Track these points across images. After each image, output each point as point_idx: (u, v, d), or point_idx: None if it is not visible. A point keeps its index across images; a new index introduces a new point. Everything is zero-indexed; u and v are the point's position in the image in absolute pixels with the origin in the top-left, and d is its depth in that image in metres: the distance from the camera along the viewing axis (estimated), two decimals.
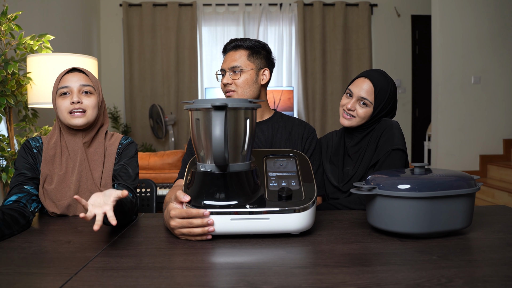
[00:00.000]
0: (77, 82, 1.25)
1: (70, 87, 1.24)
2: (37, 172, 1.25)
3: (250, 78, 1.42)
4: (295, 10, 5.35)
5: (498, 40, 4.30)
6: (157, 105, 4.92)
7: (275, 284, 0.70)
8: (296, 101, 5.36)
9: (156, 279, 0.73)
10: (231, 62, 1.43)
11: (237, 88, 1.42)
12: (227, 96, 1.44)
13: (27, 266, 0.81)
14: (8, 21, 2.15)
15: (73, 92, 1.24)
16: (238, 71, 1.42)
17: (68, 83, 1.24)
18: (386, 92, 1.40)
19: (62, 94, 1.24)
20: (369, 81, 1.40)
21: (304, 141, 1.45)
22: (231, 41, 1.46)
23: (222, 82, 1.44)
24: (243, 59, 1.43)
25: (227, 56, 1.45)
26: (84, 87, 1.25)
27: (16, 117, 2.50)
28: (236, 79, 1.42)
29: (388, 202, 0.94)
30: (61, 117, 1.24)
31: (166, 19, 5.27)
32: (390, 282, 0.70)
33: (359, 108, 1.40)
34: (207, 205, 0.95)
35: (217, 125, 0.91)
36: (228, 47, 1.46)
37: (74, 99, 1.22)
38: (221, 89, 1.47)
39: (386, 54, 5.51)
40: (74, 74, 1.26)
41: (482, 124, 4.33)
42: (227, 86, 1.43)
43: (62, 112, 1.23)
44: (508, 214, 1.16)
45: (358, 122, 1.42)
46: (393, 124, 1.40)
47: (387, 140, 1.36)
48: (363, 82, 1.41)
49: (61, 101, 1.23)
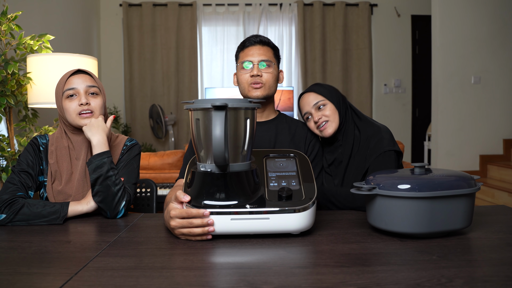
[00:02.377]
0: (83, 84, 1.26)
1: (77, 89, 1.25)
2: (39, 171, 1.28)
3: (276, 75, 1.43)
4: (295, 10, 5.35)
5: (498, 40, 4.30)
6: (157, 105, 4.92)
7: (275, 284, 0.70)
8: (296, 101, 5.36)
9: (156, 279, 0.73)
10: (261, 56, 1.40)
11: (266, 82, 1.39)
12: (255, 88, 1.39)
13: (27, 266, 0.81)
14: (8, 21, 2.15)
15: (80, 93, 1.25)
16: (268, 65, 1.40)
17: (74, 84, 1.25)
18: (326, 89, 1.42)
19: (69, 96, 1.25)
20: (307, 93, 1.43)
21: (308, 144, 1.44)
22: (257, 36, 1.43)
23: (250, 74, 1.39)
24: (270, 54, 1.42)
25: (254, 49, 1.41)
26: (90, 88, 1.27)
27: (16, 117, 2.50)
28: (266, 73, 1.39)
29: (388, 202, 0.94)
30: (69, 118, 1.25)
31: (166, 19, 5.27)
32: (390, 282, 0.70)
33: (324, 112, 1.39)
34: (207, 205, 0.95)
35: (217, 125, 0.91)
36: (255, 40, 1.42)
37: (82, 100, 1.24)
38: (242, 83, 1.41)
39: (386, 54, 5.51)
40: (80, 75, 1.27)
41: (482, 124, 4.33)
42: (255, 78, 1.38)
43: (71, 114, 1.25)
44: (508, 214, 1.16)
45: (337, 122, 1.39)
46: (380, 127, 1.38)
47: (376, 144, 1.34)
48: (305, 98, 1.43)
49: (69, 103, 1.25)
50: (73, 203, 1.19)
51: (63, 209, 1.15)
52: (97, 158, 1.19)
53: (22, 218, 1.13)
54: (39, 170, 1.28)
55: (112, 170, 1.20)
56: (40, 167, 1.28)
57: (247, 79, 1.40)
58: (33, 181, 1.25)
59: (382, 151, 1.32)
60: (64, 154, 1.28)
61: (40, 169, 1.28)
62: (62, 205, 1.16)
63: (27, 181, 1.23)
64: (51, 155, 1.27)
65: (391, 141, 1.34)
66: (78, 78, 1.27)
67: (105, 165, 1.19)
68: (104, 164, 1.19)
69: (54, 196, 1.25)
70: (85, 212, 1.20)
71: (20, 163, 1.26)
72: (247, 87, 1.40)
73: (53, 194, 1.25)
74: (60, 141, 1.29)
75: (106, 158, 1.20)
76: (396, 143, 1.35)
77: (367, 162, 1.34)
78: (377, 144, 1.34)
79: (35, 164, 1.27)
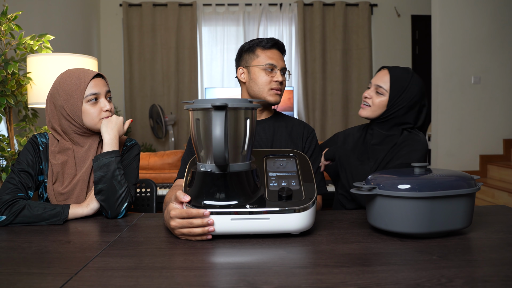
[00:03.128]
0: (103, 88, 1.27)
1: (99, 94, 1.26)
2: (38, 171, 1.27)
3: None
4: (295, 10, 5.36)
5: (498, 40, 4.30)
6: (157, 105, 4.93)
7: (275, 284, 0.70)
8: (296, 101, 5.36)
9: (156, 279, 0.73)
10: (283, 63, 1.46)
11: (283, 89, 1.45)
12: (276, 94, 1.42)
13: (27, 266, 0.81)
14: (8, 21, 2.15)
15: (102, 98, 1.26)
16: (287, 74, 1.47)
17: (97, 89, 1.25)
18: (403, 83, 1.39)
19: (92, 100, 1.25)
20: (387, 71, 1.43)
21: (304, 141, 1.46)
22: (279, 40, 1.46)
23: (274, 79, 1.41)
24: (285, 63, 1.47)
25: (277, 54, 1.44)
26: (108, 93, 1.29)
27: (16, 117, 2.50)
28: (285, 81, 1.45)
29: (388, 202, 0.94)
30: (90, 122, 1.25)
31: (166, 19, 5.27)
32: (390, 282, 0.70)
33: (375, 97, 1.42)
34: (207, 205, 0.95)
35: (217, 125, 0.91)
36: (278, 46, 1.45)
37: (107, 107, 1.26)
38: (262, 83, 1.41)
39: (386, 54, 5.51)
40: (99, 79, 1.28)
41: (482, 124, 4.33)
42: (278, 84, 1.42)
43: (93, 118, 1.25)
44: (508, 214, 1.16)
45: (373, 111, 1.42)
46: (420, 139, 1.37)
47: (407, 154, 1.34)
48: (382, 72, 1.45)
49: (91, 108, 1.24)
50: (74, 206, 1.19)
51: (64, 212, 1.15)
52: (106, 156, 1.20)
53: (22, 220, 1.13)
54: (38, 170, 1.27)
55: (118, 169, 1.20)
56: (40, 167, 1.28)
57: (268, 81, 1.41)
58: (33, 181, 1.25)
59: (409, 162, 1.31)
60: (69, 156, 1.26)
61: (39, 169, 1.28)
62: (63, 207, 1.16)
63: (27, 181, 1.23)
64: (53, 155, 1.26)
65: (422, 158, 1.34)
66: (99, 82, 1.27)
67: (112, 163, 1.19)
68: (111, 163, 1.19)
69: (56, 196, 1.24)
70: (85, 215, 1.20)
71: (20, 162, 1.25)
72: (267, 90, 1.41)
73: (54, 195, 1.24)
74: (63, 142, 1.27)
75: (114, 157, 1.20)
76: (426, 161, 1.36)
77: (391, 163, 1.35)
78: (408, 154, 1.34)
79: (35, 164, 1.26)
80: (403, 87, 1.38)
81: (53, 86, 1.27)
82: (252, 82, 1.43)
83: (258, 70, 1.41)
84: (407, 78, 1.40)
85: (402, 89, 1.38)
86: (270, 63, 1.40)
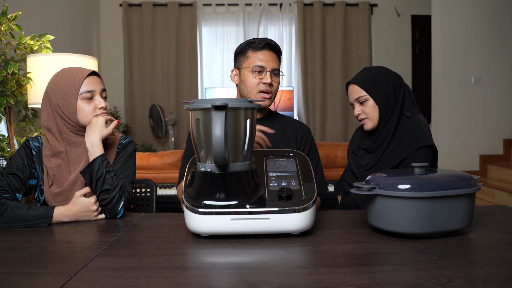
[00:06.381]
0: (98, 86, 1.27)
1: (94, 92, 1.25)
2: (29, 175, 1.25)
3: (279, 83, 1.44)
4: (295, 10, 5.35)
5: (498, 40, 4.30)
6: (157, 105, 4.92)
7: (275, 284, 0.70)
8: (296, 101, 5.36)
9: (156, 279, 0.73)
10: (275, 64, 1.40)
11: (273, 91, 1.40)
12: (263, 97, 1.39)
13: (27, 266, 0.81)
14: (8, 21, 2.15)
15: (97, 96, 1.26)
16: (277, 74, 1.41)
17: (92, 86, 1.25)
18: (371, 79, 1.40)
19: (87, 98, 1.24)
20: (352, 84, 1.44)
21: (299, 140, 1.45)
22: (271, 41, 1.41)
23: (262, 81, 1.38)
24: (279, 63, 1.42)
25: (267, 55, 1.40)
26: (103, 92, 1.29)
27: (16, 117, 2.50)
28: (275, 82, 1.41)
29: (388, 202, 0.94)
30: (84, 119, 1.24)
31: (166, 19, 5.27)
32: (390, 282, 0.70)
33: (364, 107, 1.42)
34: (207, 205, 0.95)
35: (217, 125, 0.91)
36: (269, 45, 1.40)
37: (102, 104, 1.25)
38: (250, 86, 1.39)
39: (386, 54, 5.51)
40: (94, 77, 1.27)
41: (482, 124, 4.33)
42: (267, 86, 1.38)
43: (88, 116, 1.24)
44: (508, 214, 1.16)
45: (374, 118, 1.41)
46: (422, 121, 1.38)
47: (417, 136, 1.34)
48: (350, 88, 1.45)
49: (86, 105, 1.24)
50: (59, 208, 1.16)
51: (48, 213, 1.13)
52: (90, 167, 1.18)
53: (5, 220, 1.11)
54: (29, 174, 1.25)
55: (108, 173, 1.19)
56: (32, 170, 1.26)
57: (257, 83, 1.39)
58: (22, 184, 1.23)
59: (421, 145, 1.32)
60: (63, 158, 1.26)
61: (31, 172, 1.26)
62: (47, 209, 1.14)
63: (15, 183, 1.21)
64: (47, 158, 1.25)
65: (430, 136, 1.36)
66: (94, 80, 1.26)
67: (99, 170, 1.18)
68: (98, 170, 1.18)
69: (53, 198, 1.23)
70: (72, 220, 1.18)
71: (10, 165, 1.24)
72: (255, 92, 1.40)
73: (52, 197, 1.23)
74: (55, 145, 1.26)
75: (99, 163, 1.19)
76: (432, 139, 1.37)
77: (404, 152, 1.35)
78: (417, 137, 1.34)
79: (25, 168, 1.24)
80: (374, 81, 1.40)
81: (49, 84, 1.26)
82: (242, 84, 1.43)
83: (247, 72, 1.40)
84: (369, 74, 1.42)
85: (374, 82, 1.40)
86: (258, 65, 1.39)
